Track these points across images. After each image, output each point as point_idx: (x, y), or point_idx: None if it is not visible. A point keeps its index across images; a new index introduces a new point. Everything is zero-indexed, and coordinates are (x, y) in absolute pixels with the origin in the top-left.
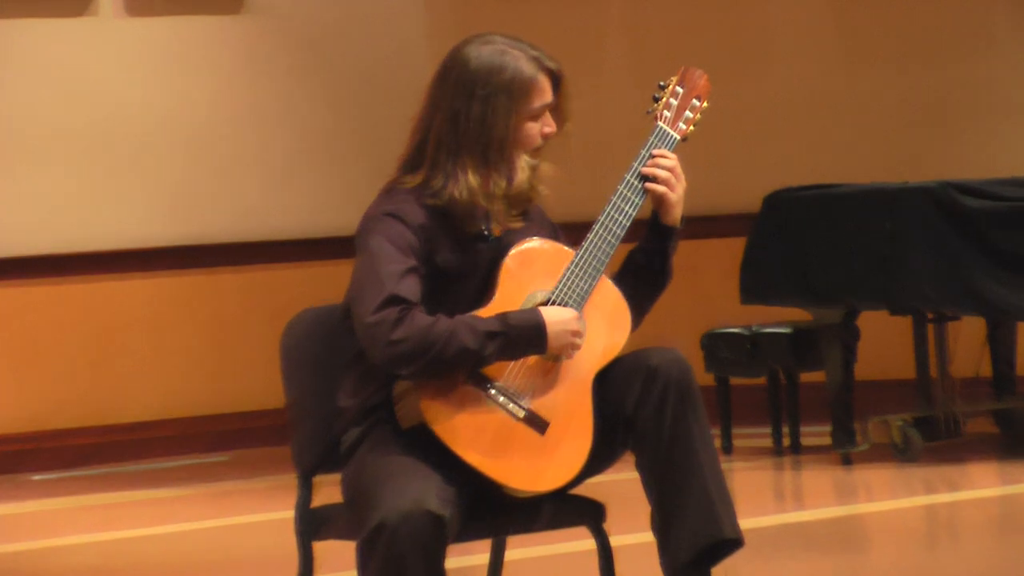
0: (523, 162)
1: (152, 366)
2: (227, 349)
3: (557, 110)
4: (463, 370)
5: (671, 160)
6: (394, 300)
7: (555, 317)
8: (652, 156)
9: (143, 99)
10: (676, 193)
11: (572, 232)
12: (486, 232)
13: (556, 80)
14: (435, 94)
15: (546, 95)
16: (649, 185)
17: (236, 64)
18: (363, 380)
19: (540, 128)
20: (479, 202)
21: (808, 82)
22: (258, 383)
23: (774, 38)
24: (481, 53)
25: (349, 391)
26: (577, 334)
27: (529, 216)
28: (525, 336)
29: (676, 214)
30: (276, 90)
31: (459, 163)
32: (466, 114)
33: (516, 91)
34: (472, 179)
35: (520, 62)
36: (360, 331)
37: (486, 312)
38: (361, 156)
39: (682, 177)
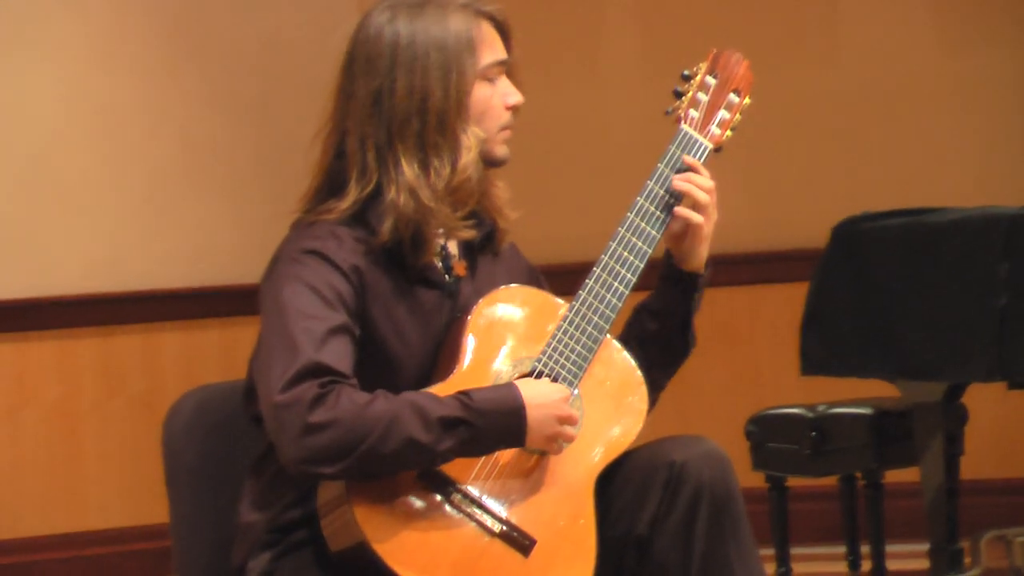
0: (472, 138)
1: None
2: (81, 447)
3: (514, 74)
4: (411, 469)
5: (710, 181)
6: (313, 370)
7: (537, 397)
8: (677, 171)
9: None
10: (709, 225)
11: (561, 278)
12: (445, 273)
13: (503, 31)
14: (345, 85)
15: (496, 48)
16: (681, 211)
17: (82, 48)
18: (275, 486)
19: (500, 98)
20: (426, 203)
21: (892, 69)
22: (125, 494)
23: (844, 10)
24: (395, 17)
25: (256, 502)
26: (566, 420)
27: (498, 253)
28: (496, 424)
29: (703, 255)
30: (141, 85)
31: (394, 157)
32: (390, 90)
33: (452, 45)
34: (409, 173)
35: (448, 11)
36: (267, 416)
37: (446, 389)
38: (265, 176)
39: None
